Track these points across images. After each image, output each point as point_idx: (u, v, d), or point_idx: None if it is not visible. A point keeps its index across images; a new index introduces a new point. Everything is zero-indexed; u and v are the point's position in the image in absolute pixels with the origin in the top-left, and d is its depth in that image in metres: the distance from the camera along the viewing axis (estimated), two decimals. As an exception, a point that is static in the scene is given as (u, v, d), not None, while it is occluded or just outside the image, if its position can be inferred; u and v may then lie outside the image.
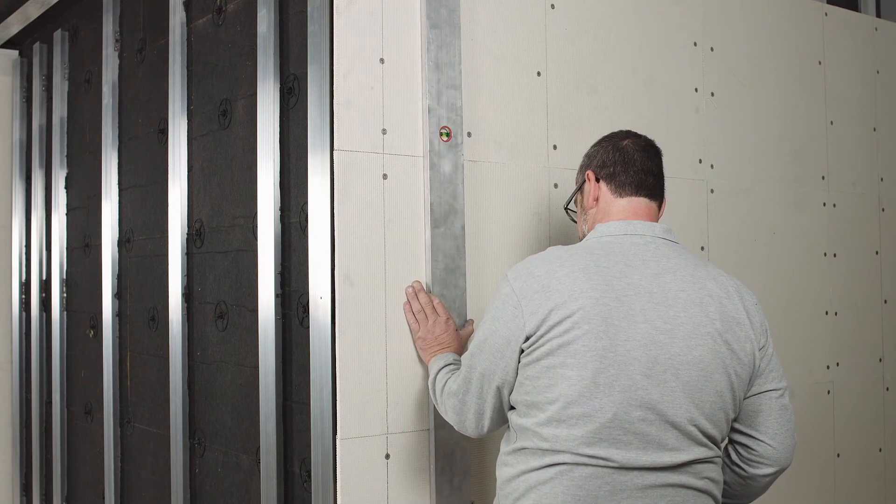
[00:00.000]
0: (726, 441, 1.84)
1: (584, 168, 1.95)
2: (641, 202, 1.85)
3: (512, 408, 1.78)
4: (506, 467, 1.76)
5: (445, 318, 2.05)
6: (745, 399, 1.79)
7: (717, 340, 1.72)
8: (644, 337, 1.67)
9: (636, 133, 1.94)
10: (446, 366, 1.94)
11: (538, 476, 1.68)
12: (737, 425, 1.82)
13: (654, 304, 1.69)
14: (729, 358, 1.73)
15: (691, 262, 1.79)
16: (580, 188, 1.96)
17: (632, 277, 1.71)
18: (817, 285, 3.00)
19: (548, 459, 1.67)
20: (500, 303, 1.75)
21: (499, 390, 1.76)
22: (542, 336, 1.67)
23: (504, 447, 1.80)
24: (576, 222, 2.02)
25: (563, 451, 1.66)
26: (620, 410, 1.64)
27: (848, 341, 3.08)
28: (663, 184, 1.91)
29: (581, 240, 1.93)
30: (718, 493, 1.77)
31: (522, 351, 1.70)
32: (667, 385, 1.66)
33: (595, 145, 1.95)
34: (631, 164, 1.86)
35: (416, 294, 2.06)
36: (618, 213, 1.85)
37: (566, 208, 2.03)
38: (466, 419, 1.83)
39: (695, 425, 1.69)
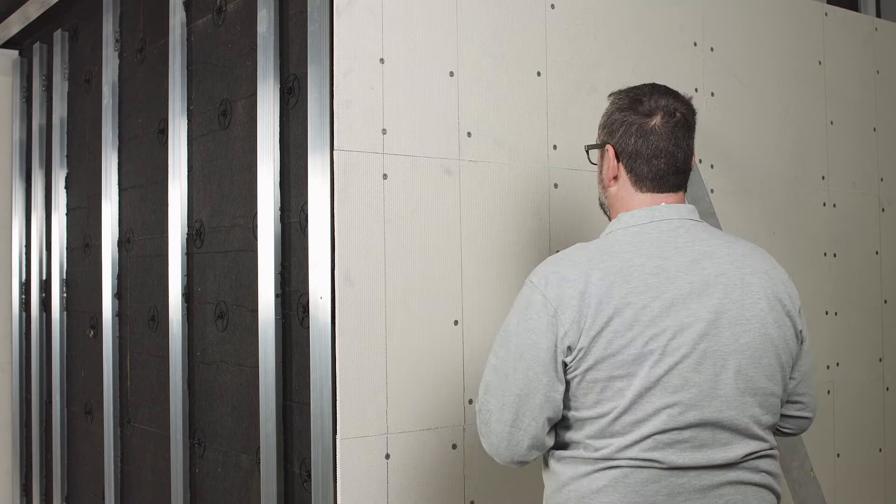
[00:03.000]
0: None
1: (604, 132, 1.75)
2: (663, 197, 1.71)
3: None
4: (553, 476, 1.66)
5: None
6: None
7: (763, 322, 1.63)
8: (690, 332, 1.57)
9: (668, 93, 1.72)
10: None
11: (589, 484, 1.59)
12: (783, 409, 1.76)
13: (695, 296, 1.59)
14: (777, 337, 1.64)
15: (724, 239, 1.69)
16: (601, 155, 1.77)
17: (669, 271, 1.60)
18: (817, 285, 3.00)
19: (600, 466, 1.58)
20: (534, 313, 1.59)
21: (540, 408, 1.60)
22: (584, 347, 1.56)
23: (548, 456, 1.69)
24: (593, 163, 1.84)
25: (616, 458, 1.57)
26: (674, 412, 1.56)
27: (848, 341, 3.08)
28: (689, 170, 1.73)
29: (603, 206, 1.81)
30: (778, 487, 1.69)
31: (565, 364, 1.59)
32: (718, 378, 1.58)
33: (619, 108, 1.72)
34: (656, 156, 1.68)
35: None
36: (639, 205, 1.71)
37: (587, 150, 1.84)
38: (501, 443, 1.64)
39: (748, 416, 1.61)
